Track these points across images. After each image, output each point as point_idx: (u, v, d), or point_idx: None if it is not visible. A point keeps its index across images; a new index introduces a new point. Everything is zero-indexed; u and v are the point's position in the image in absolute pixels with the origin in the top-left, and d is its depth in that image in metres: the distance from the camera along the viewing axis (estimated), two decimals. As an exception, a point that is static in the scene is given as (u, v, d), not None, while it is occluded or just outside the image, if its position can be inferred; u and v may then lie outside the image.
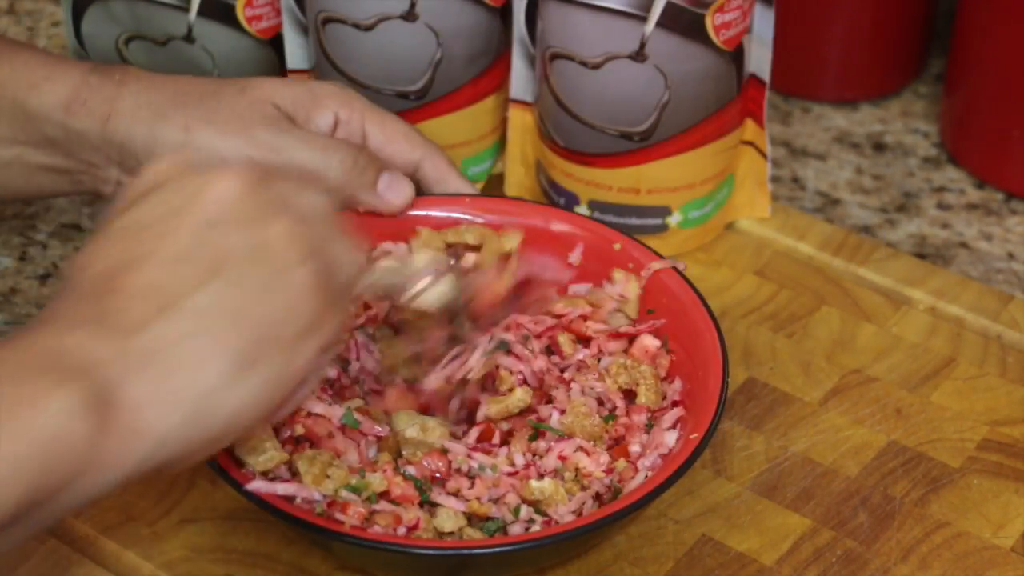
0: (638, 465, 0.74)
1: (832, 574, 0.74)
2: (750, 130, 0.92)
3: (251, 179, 0.63)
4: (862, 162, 1.03)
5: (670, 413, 0.76)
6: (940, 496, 0.77)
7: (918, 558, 0.74)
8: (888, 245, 0.94)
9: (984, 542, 0.75)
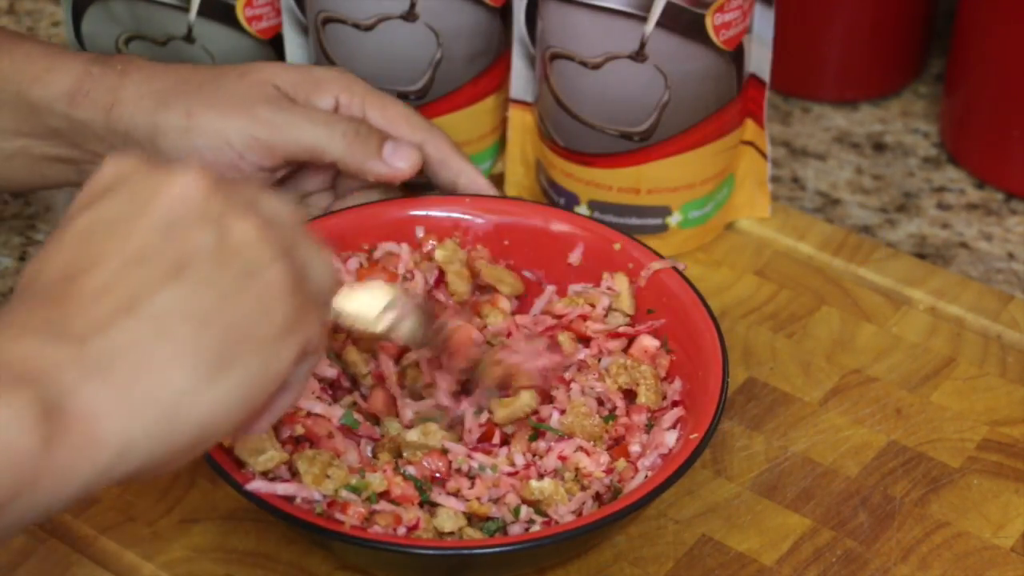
0: (638, 465, 0.74)
1: (832, 574, 0.74)
2: (750, 130, 0.92)
3: (212, 180, 0.59)
4: (862, 162, 1.02)
5: (670, 413, 0.76)
6: (940, 496, 0.77)
7: (918, 558, 0.74)
8: (888, 245, 0.94)
9: (984, 542, 0.75)
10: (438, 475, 0.73)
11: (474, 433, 0.76)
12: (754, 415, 0.82)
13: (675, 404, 0.77)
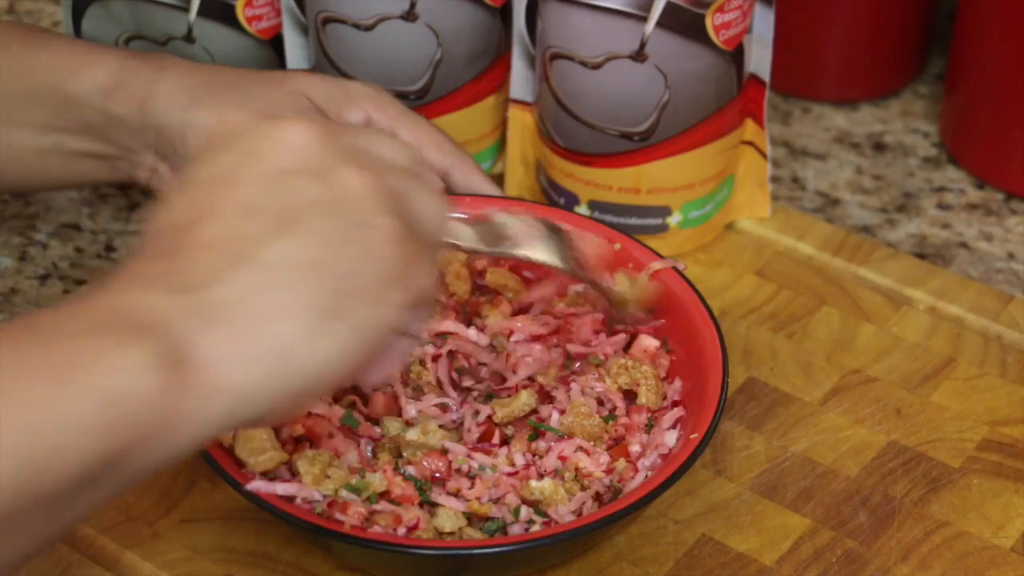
0: (638, 465, 0.74)
1: (832, 574, 0.74)
2: (750, 130, 0.92)
3: (324, 127, 0.61)
4: (862, 162, 1.02)
5: (670, 413, 0.76)
6: (940, 496, 0.77)
7: (918, 558, 0.74)
8: (888, 245, 0.94)
9: (984, 542, 0.75)
10: (438, 475, 0.73)
11: (473, 433, 0.76)
12: (754, 415, 0.82)
13: (675, 404, 0.77)
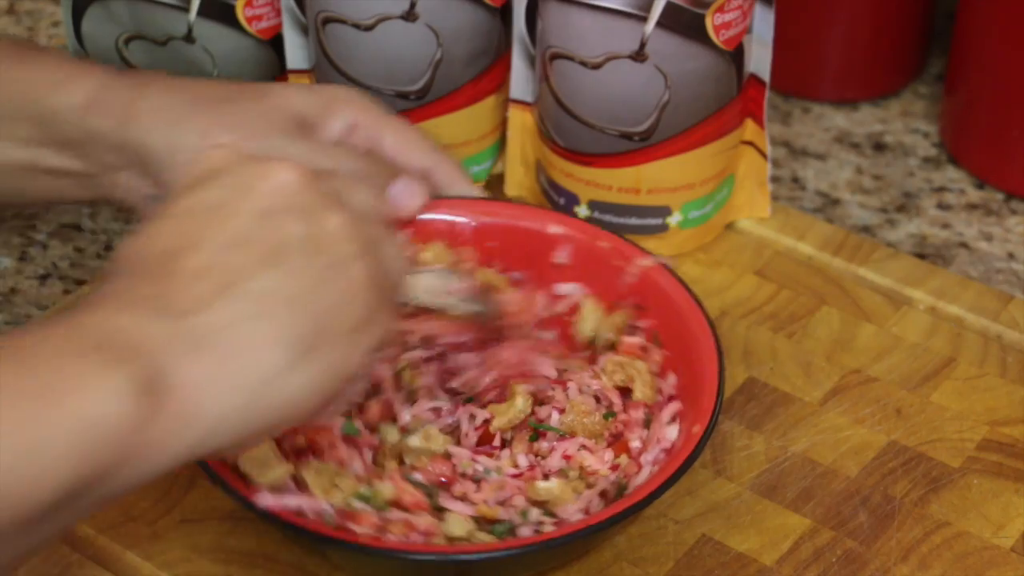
0: (641, 461, 0.74)
1: (832, 574, 0.74)
2: (750, 130, 0.92)
3: (308, 172, 0.63)
4: (862, 162, 1.02)
5: (668, 407, 0.76)
6: (940, 496, 0.77)
7: (918, 558, 0.74)
8: (888, 245, 0.94)
9: (984, 542, 0.75)
10: (443, 480, 0.73)
11: (471, 437, 0.76)
12: (754, 415, 0.82)
13: (671, 399, 0.77)
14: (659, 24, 0.84)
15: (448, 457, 0.74)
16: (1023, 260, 0.95)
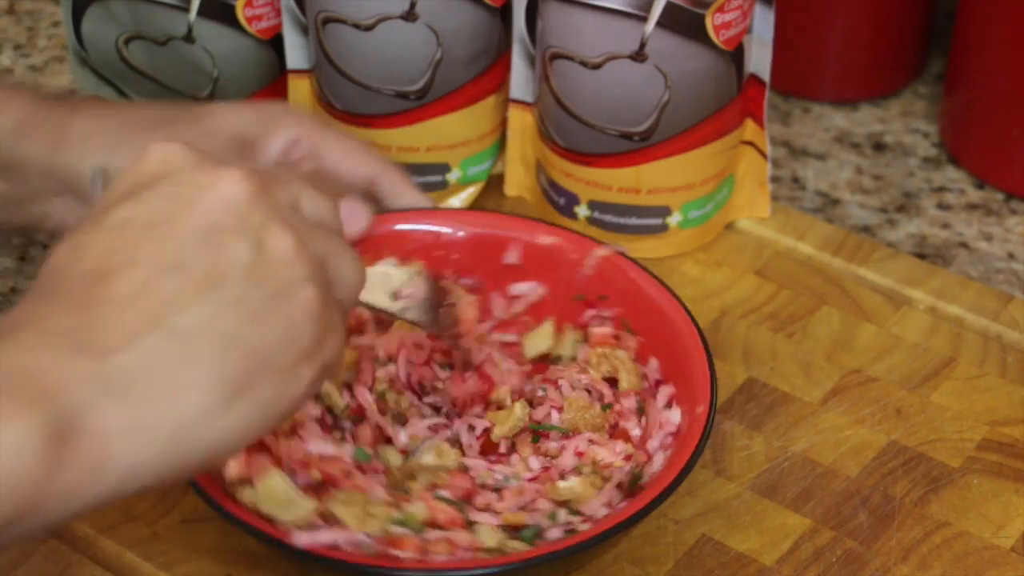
0: (648, 448, 0.74)
1: (832, 574, 0.74)
2: (750, 130, 0.92)
3: (258, 181, 0.59)
4: (862, 162, 1.03)
5: (662, 391, 0.76)
6: (940, 496, 0.77)
7: (918, 558, 0.74)
8: (888, 245, 0.94)
9: (984, 542, 0.75)
10: (465, 494, 0.73)
11: (475, 448, 0.76)
12: (754, 415, 0.82)
13: (659, 383, 0.77)
14: (659, 24, 0.84)
15: (464, 470, 0.74)
16: (1023, 260, 0.95)
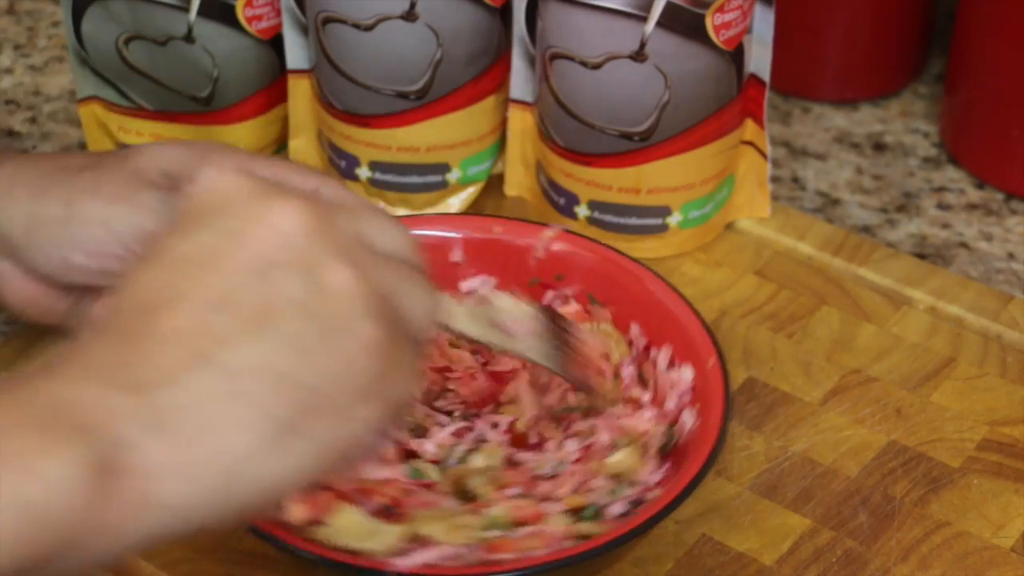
0: (665, 408, 0.74)
1: (832, 574, 0.74)
2: (750, 130, 0.92)
3: (317, 212, 0.56)
4: (862, 162, 1.03)
5: (661, 353, 0.76)
6: (940, 496, 0.77)
7: (918, 558, 0.74)
8: (888, 245, 0.94)
9: (984, 542, 0.75)
10: (527, 486, 0.73)
11: (505, 444, 0.76)
12: (754, 415, 0.82)
13: (648, 347, 0.77)
14: (659, 24, 0.84)
15: (515, 465, 0.74)
16: (1023, 260, 0.95)
